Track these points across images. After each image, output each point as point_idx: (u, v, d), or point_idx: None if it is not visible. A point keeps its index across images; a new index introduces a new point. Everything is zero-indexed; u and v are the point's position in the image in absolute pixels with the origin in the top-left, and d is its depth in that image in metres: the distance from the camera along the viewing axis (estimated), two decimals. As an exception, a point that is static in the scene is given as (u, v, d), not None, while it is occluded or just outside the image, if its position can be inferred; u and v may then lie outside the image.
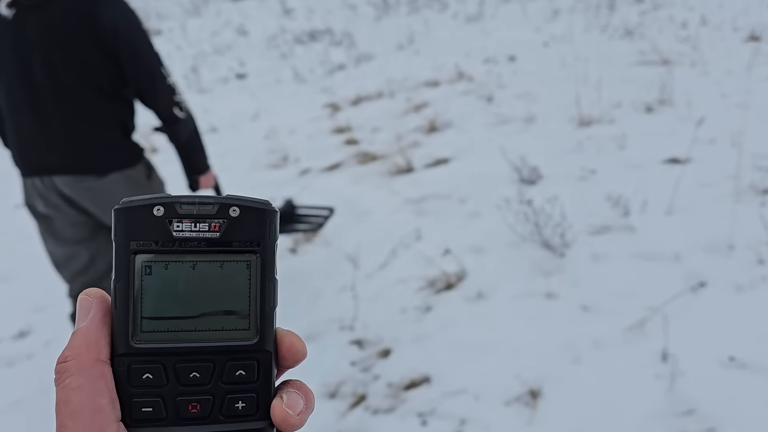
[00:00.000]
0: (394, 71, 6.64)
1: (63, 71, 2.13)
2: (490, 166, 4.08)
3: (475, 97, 5.62)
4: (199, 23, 11.25)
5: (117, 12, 2.13)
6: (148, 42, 2.19)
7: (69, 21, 2.10)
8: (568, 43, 6.88)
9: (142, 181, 2.33)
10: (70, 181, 2.22)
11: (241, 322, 0.40)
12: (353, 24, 9.47)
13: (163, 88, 2.24)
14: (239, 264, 0.39)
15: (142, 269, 0.38)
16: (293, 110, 5.87)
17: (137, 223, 0.38)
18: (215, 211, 0.38)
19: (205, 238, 0.38)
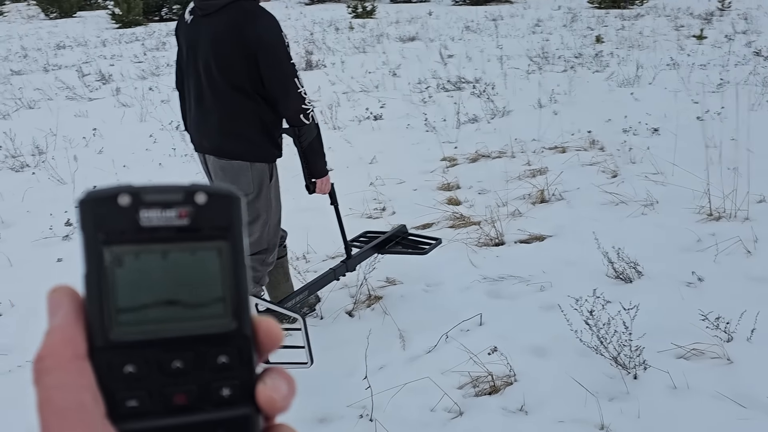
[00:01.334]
0: (525, 130, 6.34)
1: (216, 71, 2.59)
2: (587, 253, 3.68)
3: (599, 170, 5.19)
4: (360, 60, 11.55)
5: (263, 27, 2.55)
6: (285, 55, 2.58)
7: (225, 31, 2.54)
8: (725, 121, 6.20)
9: (266, 179, 2.75)
10: (214, 160, 2.73)
11: (217, 309, 0.38)
12: (503, 76, 9.25)
13: (294, 95, 2.60)
14: (210, 251, 0.38)
15: (112, 260, 0.36)
16: (411, 159, 5.75)
17: (103, 214, 0.36)
18: (182, 198, 0.37)
19: (174, 226, 0.37)
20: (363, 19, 20.58)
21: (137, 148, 6.33)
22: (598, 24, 16.29)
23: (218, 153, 2.71)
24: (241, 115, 2.64)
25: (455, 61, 10.89)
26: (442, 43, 12.78)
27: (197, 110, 2.72)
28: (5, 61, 13.47)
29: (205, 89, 2.65)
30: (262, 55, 2.54)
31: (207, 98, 2.66)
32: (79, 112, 8.09)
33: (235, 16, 2.54)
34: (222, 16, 2.56)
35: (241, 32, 2.53)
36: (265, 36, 2.54)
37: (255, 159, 2.70)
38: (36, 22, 25.92)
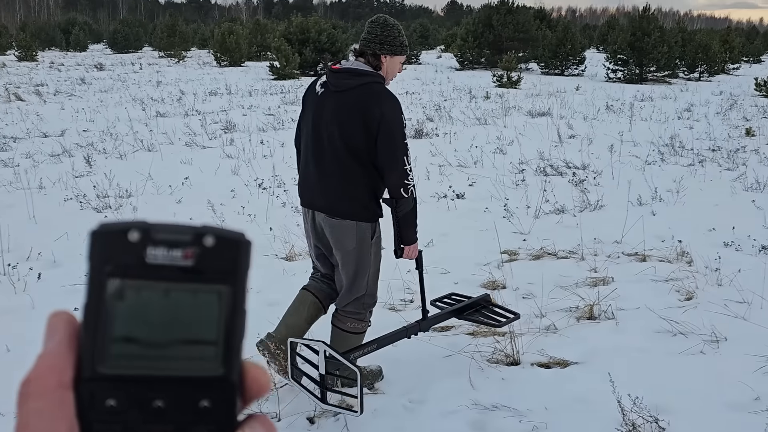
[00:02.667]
0: (611, 229, 5.75)
1: (338, 140, 2.95)
2: (608, 392, 3.13)
3: (674, 289, 4.53)
4: (475, 132, 11.32)
5: (385, 107, 2.90)
6: (401, 134, 2.93)
7: (354, 107, 2.91)
8: None
9: (367, 236, 3.07)
10: (325, 217, 3.05)
11: (208, 352, 0.38)
12: (617, 164, 8.61)
13: (400, 170, 2.93)
14: (210, 294, 0.38)
15: (113, 293, 0.37)
16: (470, 247, 5.37)
17: (111, 247, 0.37)
18: (190, 238, 0.37)
19: (178, 266, 0.37)
20: (506, 89, 20.39)
21: (215, 200, 6.48)
22: (757, 114, 14.93)
23: (329, 211, 3.04)
24: (354, 180, 2.98)
25: (575, 142, 10.34)
26: (568, 122, 12.23)
27: (315, 171, 3.06)
28: (160, 104, 14.68)
29: (326, 154, 3.00)
30: (382, 131, 2.89)
31: (326, 163, 3.01)
32: (185, 159, 8.50)
33: (363, 95, 2.92)
34: (351, 94, 2.94)
35: (368, 110, 2.89)
36: (387, 116, 2.89)
37: (361, 219, 3.02)
38: (207, 68, 28.33)
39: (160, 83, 20.08)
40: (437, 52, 45.49)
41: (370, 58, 3.03)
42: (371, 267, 3.16)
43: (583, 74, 28.15)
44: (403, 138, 2.93)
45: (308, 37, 25.91)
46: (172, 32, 35.98)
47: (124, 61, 32.25)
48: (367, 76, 2.97)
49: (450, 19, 59.84)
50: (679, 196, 6.95)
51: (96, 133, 10.49)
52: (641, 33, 25.12)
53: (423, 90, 19.31)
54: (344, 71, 2.99)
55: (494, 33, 30.36)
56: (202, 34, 45.57)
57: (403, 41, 3.09)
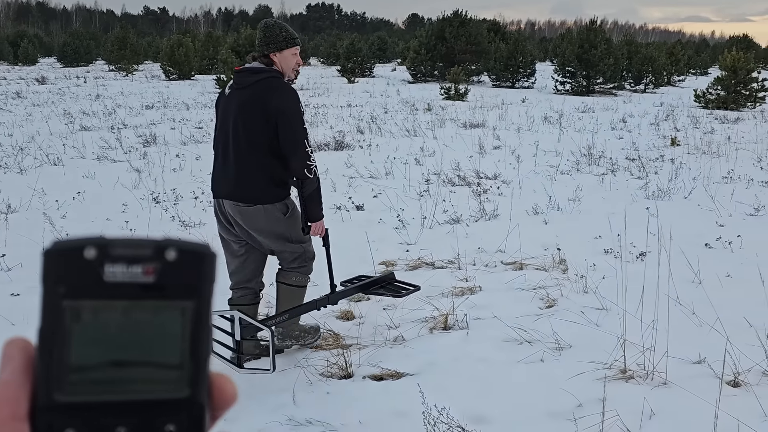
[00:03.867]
0: (498, 238, 5.71)
1: (242, 132, 3.24)
2: (428, 406, 3.04)
3: (536, 297, 4.49)
4: (400, 144, 11.30)
5: (282, 99, 3.21)
6: (299, 121, 3.24)
7: (252, 101, 3.22)
8: (739, 252, 5.30)
9: (279, 215, 3.35)
10: (232, 204, 3.33)
11: (172, 373, 0.36)
12: (532, 174, 8.63)
13: (301, 153, 3.25)
14: (173, 311, 0.36)
15: (69, 316, 0.35)
16: (351, 258, 5.25)
17: (66, 266, 0.35)
18: (151, 253, 0.35)
19: (138, 283, 0.35)
20: (452, 101, 20.49)
21: (101, 217, 6.30)
22: (690, 125, 15.21)
23: (236, 198, 3.30)
24: (258, 168, 3.25)
25: (498, 153, 10.37)
26: (496, 134, 12.30)
27: (223, 163, 3.35)
28: (90, 117, 14.40)
29: (232, 146, 3.27)
30: (281, 121, 3.19)
31: (231, 154, 3.28)
32: (88, 174, 8.30)
33: (261, 89, 3.23)
34: (251, 89, 3.23)
35: (267, 102, 3.20)
36: (284, 106, 3.20)
37: (267, 202, 3.29)
38: (155, 82, 28.01)
39: (100, 96, 19.77)
40: (393, 65, 45.70)
41: (263, 60, 3.34)
42: (289, 233, 3.43)
43: (533, 86, 28.49)
44: (301, 124, 3.25)
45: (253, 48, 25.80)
46: (122, 45, 35.52)
47: (70, 74, 31.75)
48: (264, 72, 3.28)
49: (410, 31, 60.30)
50: (577, 205, 6.98)
51: (8, 148, 10.22)
52: (588, 45, 25.54)
53: (368, 103, 19.31)
54: (245, 70, 3.34)
55: (447, 45, 30.59)
56: (156, 47, 45.07)
57: (285, 36, 3.35)
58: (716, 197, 7.32)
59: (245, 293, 3.62)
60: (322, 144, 10.68)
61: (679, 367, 3.50)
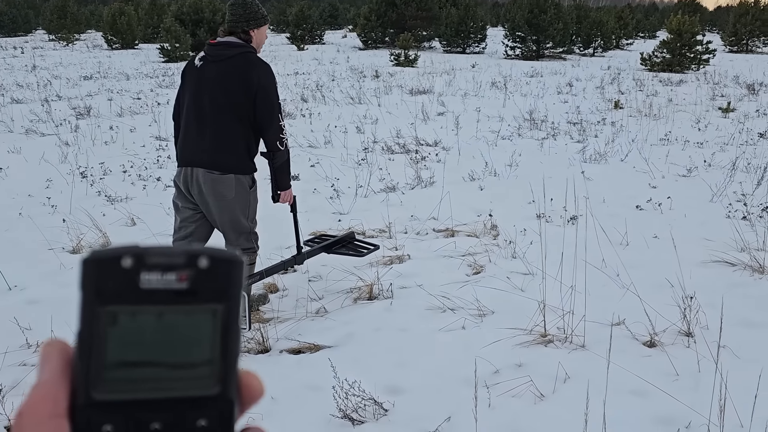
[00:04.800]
0: (432, 206, 5.66)
1: (220, 103, 3.31)
2: (340, 379, 2.98)
3: (464, 264, 4.46)
4: (342, 112, 11.14)
5: (262, 74, 3.31)
6: (275, 95, 3.38)
7: (231, 74, 3.29)
8: (669, 213, 5.35)
9: (245, 187, 3.45)
10: (205, 172, 3.35)
11: (204, 371, 0.38)
12: (473, 140, 8.58)
13: (275, 126, 3.39)
14: (205, 314, 0.38)
15: (107, 319, 0.37)
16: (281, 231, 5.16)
17: (104, 274, 0.36)
18: (184, 261, 0.37)
19: (172, 289, 0.37)
20: (402, 68, 20.31)
21: (23, 193, 6.05)
22: (634, 88, 15.37)
23: (211, 166, 3.35)
24: (234, 138, 3.34)
25: (441, 119, 10.30)
26: (441, 100, 12.22)
27: (196, 133, 3.37)
28: (23, 90, 13.82)
29: (207, 117, 3.32)
30: (259, 94, 3.29)
31: (207, 123, 3.33)
32: (14, 149, 7.96)
33: (240, 63, 3.31)
34: (229, 63, 3.31)
35: (246, 75, 3.28)
36: (263, 80, 3.30)
37: (239, 173, 3.39)
38: (97, 51, 27.06)
39: (36, 67, 19.01)
40: (344, 31, 45.06)
41: (241, 35, 3.39)
42: (249, 210, 3.56)
43: (484, 52, 28.43)
44: (277, 98, 3.39)
45: (202, 17, 25.14)
46: (62, 14, 34.18)
47: (7, 45, 30.45)
48: (241, 47, 3.37)
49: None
50: (514, 170, 6.98)
51: (-70, 123, 9.73)
52: (538, 10, 25.51)
53: (315, 71, 19.00)
54: (221, 44, 3.39)
55: (397, 12, 30.24)
56: (99, 16, 43.47)
57: (263, 13, 3.47)
58: (651, 159, 7.40)
59: None
60: (263, 113, 10.44)
61: (598, 331, 3.52)
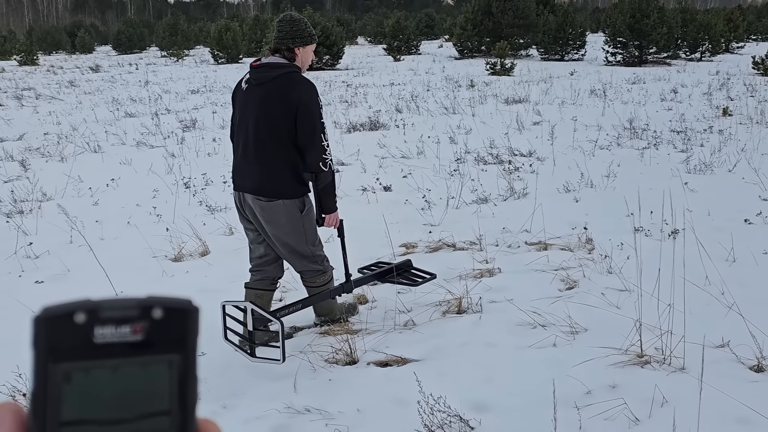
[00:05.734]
0: (523, 218, 5.55)
1: (262, 126, 3.26)
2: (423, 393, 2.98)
3: (557, 279, 4.34)
4: (436, 123, 11.13)
5: (303, 92, 3.22)
6: (318, 114, 3.27)
7: (273, 96, 3.22)
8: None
9: (296, 211, 3.38)
10: (253, 198, 3.36)
11: (162, 423, 0.38)
12: (570, 150, 8.36)
13: (318, 146, 3.27)
14: (161, 365, 0.38)
15: (60, 377, 0.36)
16: (371, 242, 5.19)
17: (57, 332, 0.36)
18: (138, 313, 0.37)
19: (127, 342, 0.37)
20: (498, 77, 20.11)
21: (131, 203, 6.43)
22: (745, 94, 14.51)
23: (257, 192, 3.33)
24: (278, 162, 3.28)
25: (536, 129, 10.10)
26: (537, 109, 11.99)
27: (243, 157, 3.37)
28: (136, 104, 14.70)
29: (252, 141, 3.30)
30: (300, 112, 3.20)
31: (251, 148, 3.31)
32: (125, 160, 8.47)
33: (282, 84, 3.22)
34: (272, 84, 3.24)
35: (287, 95, 3.20)
36: (304, 98, 3.21)
37: (287, 197, 3.32)
38: (204, 66, 28.39)
39: (149, 83, 20.16)
40: (440, 41, 45.11)
41: (285, 53, 3.31)
42: (306, 234, 3.47)
43: (583, 59, 27.69)
44: (320, 117, 3.28)
45: (301, 31, 25.83)
46: (174, 31, 36.14)
47: (123, 62, 32.48)
48: (284, 68, 3.27)
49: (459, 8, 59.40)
50: (611, 182, 6.74)
51: (54, 136, 10.52)
52: (640, 14, 24.61)
53: (411, 81, 19.12)
54: (263, 66, 3.31)
55: (494, 20, 29.99)
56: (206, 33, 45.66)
57: (310, 32, 3.39)
58: (762, 170, 6.96)
59: (262, 277, 3.65)
60: (357, 124, 10.61)
61: (699, 353, 3.32)
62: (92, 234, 5.46)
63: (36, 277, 4.67)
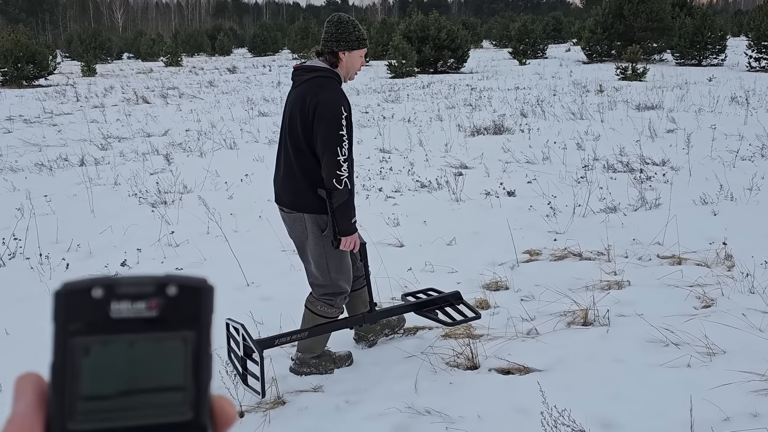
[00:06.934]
0: (654, 230, 5.30)
1: (288, 133, 3.07)
2: (550, 404, 2.92)
3: (692, 296, 4.11)
4: (563, 128, 10.84)
5: (322, 96, 2.94)
6: (336, 125, 2.93)
7: (297, 101, 3.02)
8: None
9: (318, 228, 3.10)
10: (280, 209, 3.21)
11: (177, 398, 0.40)
12: (707, 160, 7.89)
13: (332, 161, 2.95)
14: (175, 341, 0.40)
15: (79, 350, 0.39)
16: (494, 246, 5.14)
17: (76, 306, 0.39)
18: (153, 290, 0.39)
19: (142, 318, 0.39)
20: (629, 82, 19.30)
21: (262, 198, 6.73)
22: None
23: (283, 204, 3.17)
24: (307, 174, 3.04)
25: (670, 137, 9.59)
26: (671, 116, 11.38)
27: (275, 166, 3.24)
28: (269, 104, 15.37)
29: (282, 148, 3.16)
30: (316, 119, 2.95)
31: (282, 156, 3.16)
32: (258, 157, 8.87)
33: (309, 87, 3.01)
34: (302, 88, 3.05)
35: (306, 99, 2.98)
36: (322, 104, 2.93)
37: (309, 211, 3.08)
38: (330, 69, 29.17)
39: (281, 84, 21.00)
40: (568, 45, 43.86)
41: (329, 56, 3.10)
42: (326, 258, 3.16)
43: (723, 64, 26.00)
44: (338, 129, 2.94)
45: (428, 34, 25.99)
46: (305, 35, 37.46)
47: (258, 63, 34.06)
48: (318, 71, 3.06)
49: (588, 10, 57.53)
50: (755, 195, 6.28)
51: (194, 133, 11.20)
52: (790, 16, 22.79)
53: (536, 85, 18.74)
54: (301, 68, 3.12)
55: (625, 23, 28.81)
56: (334, 36, 46.97)
57: (358, 35, 3.14)
58: None
59: None
60: (482, 128, 10.53)
61: None
62: (227, 226, 5.77)
63: (176, 264, 5.00)
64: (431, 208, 6.35)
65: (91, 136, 11.24)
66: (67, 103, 17.09)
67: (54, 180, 7.96)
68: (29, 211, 6.33)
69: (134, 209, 6.50)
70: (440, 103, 14.60)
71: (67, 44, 47.83)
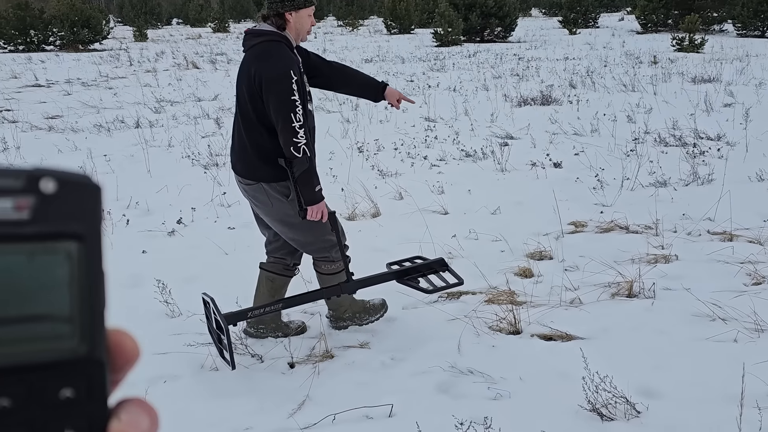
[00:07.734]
0: (706, 206, 5.21)
1: (241, 106, 2.96)
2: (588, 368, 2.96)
3: (742, 272, 4.07)
4: (613, 100, 10.64)
5: (267, 66, 2.82)
6: (285, 91, 2.78)
7: (242, 69, 2.93)
8: None
9: (281, 197, 3.00)
10: (238, 180, 3.10)
11: (62, 328, 0.31)
12: (759, 137, 7.68)
13: (287, 128, 2.81)
14: (55, 254, 0.31)
15: None
16: (540, 216, 5.14)
17: None
18: (23, 184, 0.29)
19: (9, 221, 0.29)
20: (685, 53, 18.73)
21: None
22: None
23: (242, 175, 3.06)
24: (259, 142, 2.94)
25: (727, 111, 9.33)
26: (728, 89, 11.04)
27: (232, 137, 3.16)
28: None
29: (235, 118, 3.07)
30: (264, 89, 2.82)
31: (235, 126, 3.08)
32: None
33: (253, 54, 2.90)
34: (247, 54, 2.95)
35: (251, 68, 2.87)
36: (267, 73, 2.81)
37: (267, 180, 2.98)
38: (377, 36, 29.05)
39: (326, 51, 21.01)
40: (621, 14, 42.61)
41: (275, 19, 2.94)
42: (300, 221, 3.04)
43: (789, 36, 24.97)
44: (289, 94, 2.78)
45: (475, 2, 25.59)
46: (350, 1, 37.27)
47: (304, 31, 34.03)
48: (263, 36, 2.92)
49: (645, -22, 55.62)
50: None
51: (242, 98, 11.35)
52: None
53: (587, 56, 18.34)
54: (250, 32, 3.00)
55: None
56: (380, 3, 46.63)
57: None
58: None
59: (275, 260, 3.36)
60: (529, 98, 10.41)
61: None
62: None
63: (228, 224, 5.15)
64: (476, 177, 6.36)
65: (145, 99, 11.51)
66: (121, 67, 17.48)
67: (112, 140, 8.23)
68: (91, 170, 6.56)
69: (188, 170, 6.68)
70: (486, 73, 14.44)
71: (119, 9, 48.59)
